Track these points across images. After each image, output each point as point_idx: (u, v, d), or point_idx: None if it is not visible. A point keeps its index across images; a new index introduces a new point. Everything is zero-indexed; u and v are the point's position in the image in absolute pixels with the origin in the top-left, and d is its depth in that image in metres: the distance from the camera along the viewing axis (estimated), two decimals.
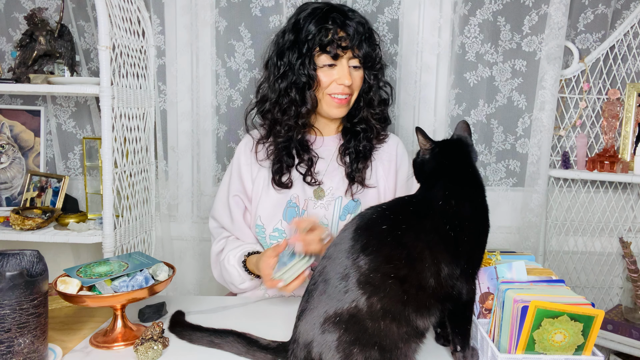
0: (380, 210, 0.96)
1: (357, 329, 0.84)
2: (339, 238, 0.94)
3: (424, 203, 0.97)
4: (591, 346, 0.89)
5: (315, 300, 0.90)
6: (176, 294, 1.87)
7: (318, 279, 0.92)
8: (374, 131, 1.42)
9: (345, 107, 1.37)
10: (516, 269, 1.05)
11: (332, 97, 1.34)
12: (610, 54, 1.76)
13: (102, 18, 1.47)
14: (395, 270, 0.87)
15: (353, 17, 1.34)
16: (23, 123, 1.89)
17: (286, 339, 0.98)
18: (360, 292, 0.85)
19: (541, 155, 1.75)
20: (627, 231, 1.84)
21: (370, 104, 1.40)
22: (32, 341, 0.92)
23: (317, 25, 1.30)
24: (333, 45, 1.30)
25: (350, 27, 1.31)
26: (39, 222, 1.62)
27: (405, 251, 0.88)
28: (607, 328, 1.70)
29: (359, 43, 1.31)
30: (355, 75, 1.35)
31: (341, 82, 1.32)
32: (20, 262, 0.99)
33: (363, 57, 1.33)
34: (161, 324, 1.03)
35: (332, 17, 1.31)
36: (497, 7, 1.74)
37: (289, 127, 1.36)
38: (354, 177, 1.38)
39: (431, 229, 0.92)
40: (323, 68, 1.32)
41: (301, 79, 1.32)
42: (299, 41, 1.32)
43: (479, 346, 0.99)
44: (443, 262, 0.90)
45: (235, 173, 1.44)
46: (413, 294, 0.87)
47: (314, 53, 1.31)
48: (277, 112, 1.36)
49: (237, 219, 1.42)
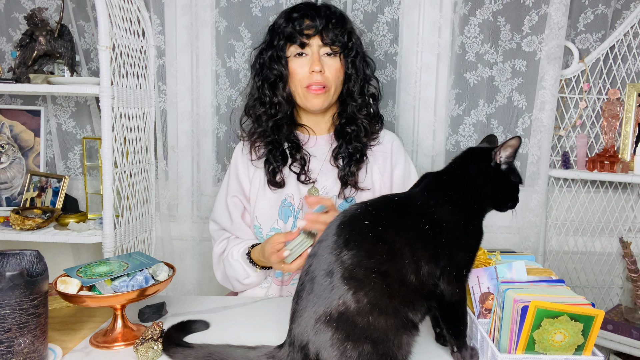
0: (364, 206, 0.97)
1: (347, 325, 0.86)
2: (323, 235, 0.96)
3: (405, 201, 0.99)
4: (591, 346, 0.89)
5: (304, 301, 0.91)
6: (176, 294, 1.87)
7: (305, 278, 0.93)
8: (363, 130, 1.41)
9: (323, 97, 1.36)
10: (516, 269, 1.05)
11: (308, 88, 1.35)
12: (610, 54, 1.76)
13: (102, 18, 1.47)
14: (377, 265, 0.88)
15: (320, 6, 1.36)
16: (23, 123, 1.89)
17: None
18: (346, 288, 0.86)
19: (541, 155, 1.75)
20: (627, 231, 1.84)
21: (351, 95, 1.40)
22: (32, 341, 0.92)
23: (285, 18, 1.35)
24: (297, 34, 1.32)
25: (316, 15, 1.33)
26: (39, 222, 1.62)
27: (386, 246, 0.90)
28: (607, 328, 1.70)
29: (324, 27, 1.32)
30: (330, 63, 1.35)
31: (312, 69, 1.32)
32: (20, 262, 0.99)
33: (331, 41, 1.33)
34: (161, 323, 1.03)
35: (298, 8, 1.35)
36: (497, 7, 1.74)
37: (270, 123, 1.39)
38: (347, 181, 1.38)
39: (411, 227, 0.93)
40: (294, 58, 1.35)
41: (273, 72, 1.36)
42: (273, 35, 1.37)
43: (479, 346, 0.99)
44: (422, 260, 0.91)
45: (233, 174, 1.46)
46: (396, 288, 0.88)
47: (282, 45, 1.34)
48: (258, 108, 1.41)
49: (236, 219, 1.43)
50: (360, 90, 1.40)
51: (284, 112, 1.40)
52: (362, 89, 1.41)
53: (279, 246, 1.20)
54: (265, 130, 1.41)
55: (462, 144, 1.81)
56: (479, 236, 0.98)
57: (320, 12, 1.34)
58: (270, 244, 1.22)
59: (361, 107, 1.41)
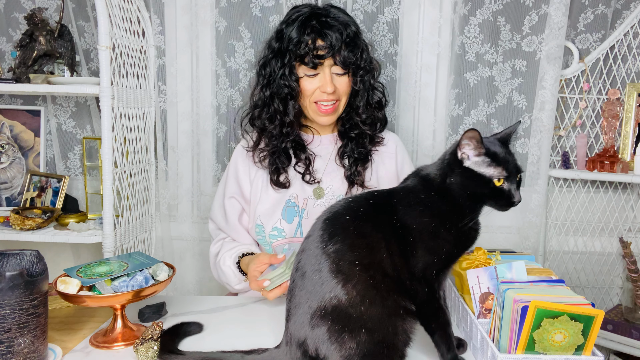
0: (347, 202, 1.00)
1: (342, 317, 0.88)
2: (310, 230, 0.98)
3: (385, 197, 1.00)
4: (591, 346, 0.90)
5: (297, 298, 0.93)
6: (176, 294, 1.87)
7: (296, 274, 0.95)
8: (365, 137, 1.41)
9: (332, 115, 1.37)
10: (516, 269, 1.05)
11: (317, 105, 1.34)
12: (610, 54, 1.76)
13: (102, 18, 1.47)
14: (360, 258, 0.90)
15: (333, 23, 1.31)
16: (23, 123, 1.88)
17: None
18: (335, 282, 0.89)
19: (541, 155, 1.75)
20: (627, 231, 1.84)
21: (356, 110, 1.40)
22: (32, 341, 0.92)
23: (296, 35, 1.30)
24: (310, 56, 1.29)
25: (328, 35, 1.29)
26: (39, 222, 1.62)
27: (366, 240, 0.92)
28: (607, 328, 1.70)
29: (338, 50, 1.30)
30: (340, 81, 1.34)
31: (323, 90, 1.32)
32: (20, 262, 0.99)
33: (342, 63, 1.31)
34: (161, 323, 1.03)
35: (311, 26, 1.30)
36: (497, 7, 1.74)
37: (276, 135, 1.38)
38: (354, 180, 1.39)
39: (386, 222, 0.94)
40: (305, 77, 1.33)
41: (283, 90, 1.34)
42: (281, 50, 1.33)
43: (479, 346, 0.99)
44: (396, 256, 0.92)
45: (232, 175, 1.46)
46: (380, 280, 0.90)
47: (294, 64, 1.32)
48: (264, 119, 1.39)
49: (231, 220, 1.44)
50: (366, 104, 1.40)
51: (292, 127, 1.38)
52: (367, 102, 1.40)
53: (262, 267, 1.21)
54: (271, 139, 1.39)
55: None
56: (457, 239, 0.95)
57: (333, 30, 1.29)
58: (254, 264, 1.22)
59: (366, 120, 1.41)
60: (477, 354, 1.01)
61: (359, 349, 0.88)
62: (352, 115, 1.41)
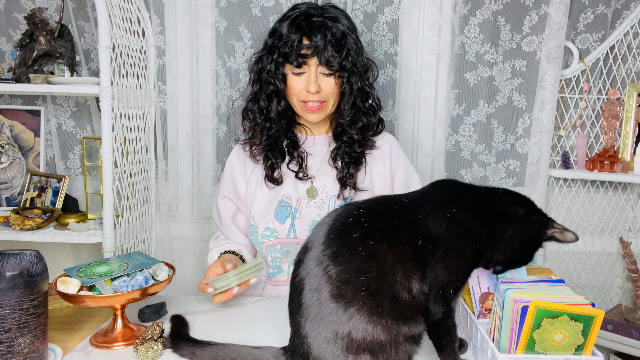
0: (357, 214, 0.93)
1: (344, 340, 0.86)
2: (310, 240, 0.94)
3: (405, 211, 0.94)
4: (591, 346, 0.90)
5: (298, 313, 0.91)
6: (176, 294, 1.87)
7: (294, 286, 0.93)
8: (357, 143, 1.41)
9: (319, 113, 1.37)
10: (516, 269, 1.05)
11: (305, 102, 1.35)
12: (610, 54, 1.76)
13: (102, 18, 1.47)
14: (367, 284, 0.86)
15: (322, 23, 1.30)
16: (23, 123, 1.88)
17: (284, 338, 0.98)
18: (335, 307, 0.86)
19: (541, 155, 1.75)
20: (627, 231, 1.84)
21: (341, 112, 1.39)
22: (32, 341, 0.92)
23: (285, 33, 1.31)
24: (294, 55, 1.29)
25: (314, 34, 1.28)
26: (39, 222, 1.62)
27: (376, 263, 0.87)
28: (607, 328, 1.70)
29: (322, 50, 1.29)
30: (327, 81, 1.33)
31: (308, 90, 1.32)
32: (20, 262, 0.99)
33: (327, 64, 1.30)
34: (161, 324, 1.03)
35: (299, 24, 1.30)
36: (497, 7, 1.74)
37: (266, 129, 1.39)
38: (346, 182, 1.39)
39: (404, 241, 0.90)
40: (292, 75, 1.34)
41: (269, 86, 1.36)
42: (272, 47, 1.34)
43: (479, 346, 0.99)
44: (414, 277, 0.89)
45: (228, 175, 1.48)
46: (387, 306, 0.86)
47: (281, 61, 1.33)
48: (256, 113, 1.41)
49: (224, 219, 1.46)
50: (352, 107, 1.38)
51: (279, 126, 1.40)
52: (355, 105, 1.38)
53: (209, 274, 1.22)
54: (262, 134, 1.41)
55: (462, 144, 1.81)
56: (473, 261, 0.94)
57: (319, 30, 1.28)
58: (208, 270, 1.24)
59: (352, 122, 1.39)
60: (477, 354, 1.01)
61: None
62: (338, 117, 1.41)
